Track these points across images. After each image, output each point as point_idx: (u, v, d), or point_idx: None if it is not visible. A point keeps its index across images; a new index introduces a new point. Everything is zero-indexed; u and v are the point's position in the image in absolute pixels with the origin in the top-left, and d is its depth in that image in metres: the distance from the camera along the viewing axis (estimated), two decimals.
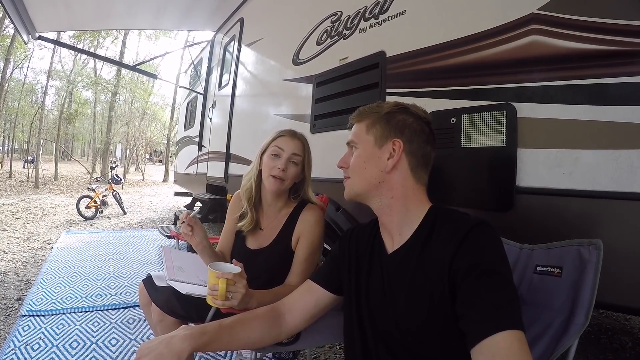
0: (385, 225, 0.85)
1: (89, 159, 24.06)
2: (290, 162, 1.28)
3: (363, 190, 0.84)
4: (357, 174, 0.85)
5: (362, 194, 0.85)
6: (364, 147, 0.85)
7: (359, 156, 0.85)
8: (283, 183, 1.28)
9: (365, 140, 0.85)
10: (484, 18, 1.26)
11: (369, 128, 0.85)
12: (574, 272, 0.79)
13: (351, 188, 0.86)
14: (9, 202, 7.82)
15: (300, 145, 1.31)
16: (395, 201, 0.81)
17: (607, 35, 0.96)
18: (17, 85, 18.21)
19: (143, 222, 6.36)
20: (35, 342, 1.95)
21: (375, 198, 0.84)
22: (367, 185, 0.83)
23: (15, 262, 3.45)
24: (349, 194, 0.87)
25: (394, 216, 0.82)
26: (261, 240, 1.35)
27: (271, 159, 1.29)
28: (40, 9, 3.38)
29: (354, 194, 0.86)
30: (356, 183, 0.85)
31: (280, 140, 1.31)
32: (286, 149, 1.28)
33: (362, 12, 1.86)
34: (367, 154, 0.84)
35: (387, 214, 0.83)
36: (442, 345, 0.71)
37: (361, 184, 0.84)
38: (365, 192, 0.84)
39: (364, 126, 0.86)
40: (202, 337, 0.76)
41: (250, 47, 3.47)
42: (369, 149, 0.84)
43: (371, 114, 0.86)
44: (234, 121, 3.63)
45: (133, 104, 20.89)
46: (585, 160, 0.99)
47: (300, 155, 1.30)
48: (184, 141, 6.03)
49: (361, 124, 0.87)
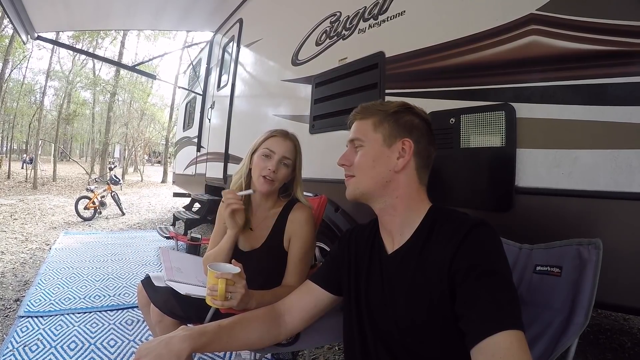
0: (387, 226, 0.84)
1: (88, 160, 24.04)
2: (280, 164, 1.27)
3: (370, 189, 0.82)
4: (365, 173, 0.82)
5: (367, 193, 0.82)
6: (372, 145, 0.82)
7: (366, 154, 0.82)
8: (273, 184, 1.27)
9: (373, 139, 0.82)
10: (483, 18, 1.26)
11: (377, 126, 0.82)
12: (574, 271, 0.79)
13: (356, 187, 0.83)
14: (7, 202, 7.80)
15: (292, 147, 1.30)
16: (400, 201, 0.81)
17: (605, 36, 0.96)
18: (16, 86, 18.15)
19: (141, 223, 6.35)
20: (34, 343, 1.94)
21: (381, 198, 0.82)
22: (374, 184, 0.81)
23: (13, 263, 3.44)
24: (354, 193, 0.84)
25: (397, 216, 0.82)
26: (252, 242, 1.34)
27: (262, 159, 1.27)
28: (39, 9, 3.37)
29: (359, 193, 0.83)
30: (363, 182, 0.82)
31: (272, 141, 1.29)
32: (277, 151, 1.27)
33: (361, 13, 1.86)
34: (375, 153, 0.81)
35: (390, 214, 0.82)
36: (441, 345, 0.71)
37: (368, 183, 0.81)
38: (371, 192, 0.82)
39: (370, 124, 0.83)
40: (201, 337, 0.76)
41: (249, 48, 3.47)
42: (377, 147, 0.82)
43: (377, 112, 0.84)
44: (232, 122, 3.63)
45: (132, 105, 20.86)
46: (584, 161, 0.99)
47: (291, 158, 1.29)
48: (182, 142, 6.02)
49: (366, 121, 0.84)
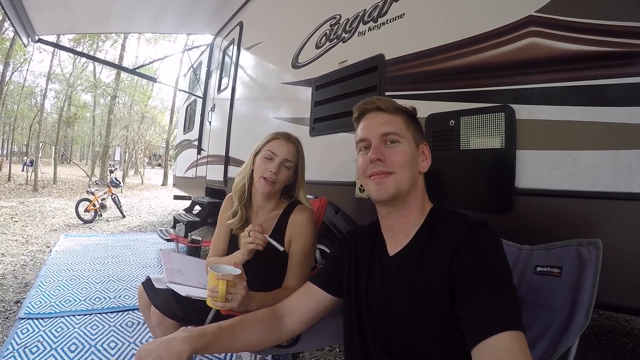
0: (396, 227, 0.83)
1: (88, 162, 24.08)
2: (282, 167, 1.28)
3: (407, 188, 0.80)
4: (406, 171, 0.79)
5: (404, 192, 0.80)
6: (409, 143, 0.81)
7: (406, 152, 0.80)
8: (274, 186, 1.27)
9: (408, 137, 0.81)
10: (483, 21, 1.27)
11: (407, 125, 0.82)
12: (574, 271, 0.79)
13: (398, 184, 0.79)
14: (8, 205, 7.80)
15: (293, 150, 1.31)
16: (416, 202, 0.82)
17: (604, 37, 0.97)
18: (17, 88, 18.19)
19: (142, 226, 6.34)
20: (34, 345, 1.93)
21: (407, 197, 0.81)
22: (410, 183, 0.80)
23: (14, 265, 3.44)
24: (392, 192, 0.79)
25: (410, 217, 0.82)
26: None
27: (264, 161, 1.28)
28: (40, 12, 3.38)
29: (398, 191, 0.79)
30: (405, 180, 0.79)
31: (274, 143, 1.30)
32: (279, 154, 1.28)
33: (361, 16, 1.87)
34: (412, 151, 0.81)
35: (405, 215, 0.82)
36: (442, 346, 0.71)
37: (408, 181, 0.79)
38: (406, 191, 0.80)
39: (401, 121, 0.82)
40: (201, 339, 0.76)
41: (249, 51, 3.48)
42: (412, 146, 0.82)
43: (400, 111, 0.83)
44: (233, 124, 3.63)
45: (132, 108, 20.88)
46: (584, 161, 1.00)
47: (292, 160, 1.30)
48: (183, 144, 6.03)
49: (397, 117, 0.82)
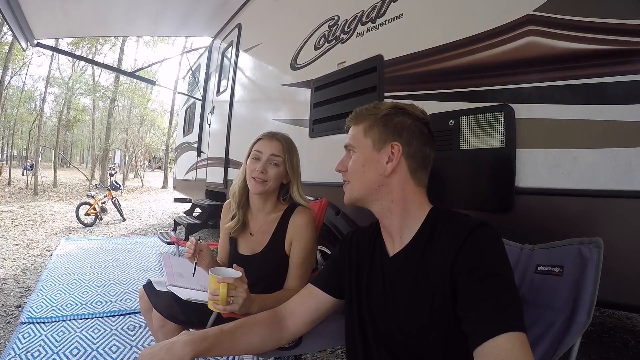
0: (387, 228, 0.84)
1: (88, 166, 24.04)
2: (269, 164, 1.29)
3: (362, 195, 0.83)
4: (356, 179, 0.84)
5: (361, 198, 0.84)
6: (362, 150, 0.84)
7: (357, 160, 0.84)
8: (265, 184, 1.28)
9: (363, 144, 0.83)
10: (481, 20, 1.27)
11: (367, 131, 0.84)
12: (575, 270, 0.79)
13: (350, 193, 0.85)
14: (8, 209, 7.80)
15: (278, 146, 1.31)
16: (395, 205, 0.81)
17: (603, 35, 0.97)
18: (16, 93, 18.15)
19: (142, 229, 6.34)
20: (36, 349, 1.93)
21: (375, 202, 0.83)
22: (366, 189, 0.82)
23: (14, 270, 3.44)
24: (349, 199, 0.86)
25: (394, 219, 0.82)
26: (253, 246, 1.35)
27: (252, 162, 1.30)
28: (38, 16, 3.39)
29: (354, 199, 0.85)
30: (355, 188, 0.84)
31: (259, 143, 1.33)
32: (264, 151, 1.29)
33: (360, 16, 1.87)
34: (365, 158, 0.83)
35: (387, 217, 0.83)
36: (444, 347, 0.71)
37: (360, 188, 0.83)
38: (364, 197, 0.83)
39: (361, 129, 0.85)
40: (203, 342, 0.76)
41: (248, 53, 3.49)
42: (367, 152, 0.83)
43: (368, 117, 0.85)
44: (232, 127, 3.64)
45: (131, 111, 20.89)
46: (584, 160, 1.00)
47: (279, 155, 1.30)
48: (182, 147, 6.03)
49: (358, 126, 0.86)
